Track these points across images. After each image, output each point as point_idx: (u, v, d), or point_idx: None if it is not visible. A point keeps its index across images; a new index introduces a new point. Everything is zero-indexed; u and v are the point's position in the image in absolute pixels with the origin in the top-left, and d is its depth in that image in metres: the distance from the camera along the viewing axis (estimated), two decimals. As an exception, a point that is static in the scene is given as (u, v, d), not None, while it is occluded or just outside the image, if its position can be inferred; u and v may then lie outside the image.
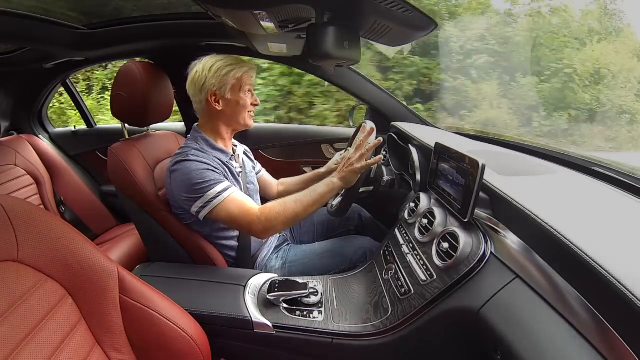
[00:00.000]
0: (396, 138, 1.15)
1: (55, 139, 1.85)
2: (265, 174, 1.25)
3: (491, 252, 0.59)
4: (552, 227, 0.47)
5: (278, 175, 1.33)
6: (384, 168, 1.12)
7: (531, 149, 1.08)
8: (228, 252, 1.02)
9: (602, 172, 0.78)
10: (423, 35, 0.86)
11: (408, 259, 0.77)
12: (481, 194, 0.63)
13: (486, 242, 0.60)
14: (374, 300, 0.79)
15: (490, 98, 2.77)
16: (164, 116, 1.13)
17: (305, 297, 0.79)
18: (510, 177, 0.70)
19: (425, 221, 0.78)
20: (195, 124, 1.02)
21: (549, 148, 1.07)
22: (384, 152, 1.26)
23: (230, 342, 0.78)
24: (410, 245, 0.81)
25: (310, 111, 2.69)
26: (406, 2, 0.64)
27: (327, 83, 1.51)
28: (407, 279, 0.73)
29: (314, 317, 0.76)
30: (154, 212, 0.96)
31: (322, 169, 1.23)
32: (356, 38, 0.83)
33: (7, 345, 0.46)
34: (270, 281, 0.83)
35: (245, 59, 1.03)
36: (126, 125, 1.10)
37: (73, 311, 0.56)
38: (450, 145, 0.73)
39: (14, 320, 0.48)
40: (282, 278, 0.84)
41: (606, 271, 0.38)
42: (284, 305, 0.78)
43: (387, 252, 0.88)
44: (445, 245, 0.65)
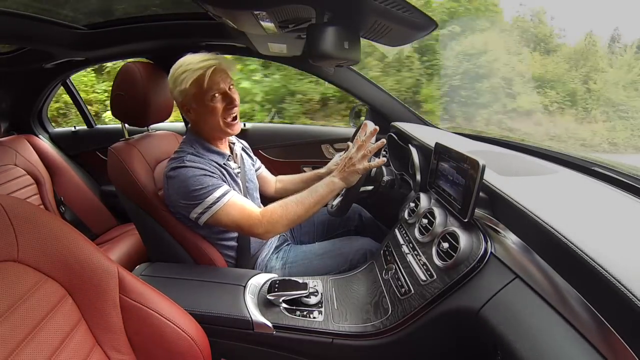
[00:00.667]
0: (396, 138, 1.15)
1: (55, 139, 1.85)
2: (264, 171, 1.25)
3: (491, 252, 0.59)
4: (552, 227, 0.47)
5: (278, 175, 1.33)
6: (384, 168, 1.12)
7: (531, 149, 1.08)
8: (228, 252, 1.02)
9: (602, 172, 0.78)
10: (423, 35, 0.85)
11: (408, 259, 0.77)
12: (481, 194, 0.63)
13: (486, 242, 0.60)
14: (374, 301, 0.79)
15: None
16: (164, 116, 1.13)
17: (305, 297, 0.79)
18: (510, 177, 0.69)
19: (425, 221, 0.78)
20: (189, 126, 1.01)
21: (549, 148, 1.07)
22: (384, 152, 1.26)
23: (230, 342, 0.78)
24: (410, 245, 0.81)
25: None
26: (406, 2, 0.64)
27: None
28: (407, 279, 0.73)
29: (314, 317, 0.76)
30: (154, 212, 0.96)
31: (322, 170, 1.23)
32: (356, 38, 0.83)
33: (7, 345, 0.46)
34: (270, 281, 0.83)
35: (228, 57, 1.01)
36: (126, 125, 1.10)
37: (73, 311, 0.56)
38: (450, 145, 0.73)
39: (14, 320, 0.48)
40: (282, 278, 0.84)
41: (606, 271, 0.38)
42: (284, 305, 0.78)
43: (387, 252, 0.88)
44: (445, 245, 0.65)
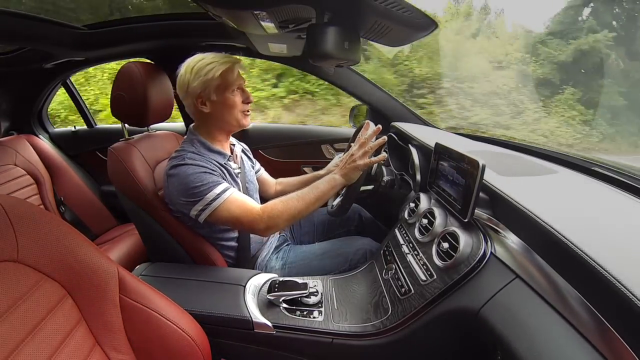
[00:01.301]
0: (396, 138, 1.15)
1: (55, 139, 1.85)
2: (263, 173, 1.25)
3: (491, 252, 0.59)
4: (552, 227, 0.47)
5: (278, 175, 1.33)
6: (383, 168, 1.12)
7: (531, 149, 1.08)
8: (228, 253, 1.02)
9: (602, 172, 0.78)
10: (423, 35, 0.85)
11: (408, 259, 0.77)
12: (481, 194, 0.63)
13: (486, 242, 0.60)
14: (374, 300, 0.79)
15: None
16: (164, 116, 1.13)
17: (305, 297, 0.79)
18: (510, 177, 0.69)
19: (425, 221, 0.78)
20: (191, 125, 1.01)
21: (549, 148, 1.07)
22: (384, 152, 1.26)
23: (230, 342, 0.78)
24: (410, 245, 0.81)
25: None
26: (406, 2, 0.64)
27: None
28: (407, 279, 0.73)
29: (314, 317, 0.76)
30: (154, 212, 0.96)
31: (322, 171, 1.23)
32: (356, 38, 0.83)
33: (7, 345, 0.46)
34: (270, 281, 0.83)
35: (244, 58, 1.02)
36: (126, 125, 1.10)
37: (73, 311, 0.56)
38: (450, 145, 0.73)
39: (14, 320, 0.48)
40: (282, 278, 0.84)
41: (606, 271, 0.38)
42: (284, 305, 0.78)
43: (387, 252, 0.88)
44: (445, 245, 0.65)
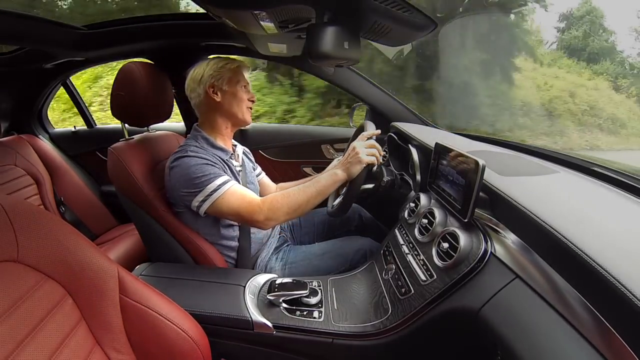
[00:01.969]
0: (396, 138, 1.15)
1: (55, 139, 1.85)
2: (264, 177, 1.26)
3: (491, 252, 0.59)
4: (552, 227, 0.47)
5: (278, 175, 1.33)
6: (383, 168, 1.12)
7: (531, 149, 1.08)
8: (228, 253, 1.02)
9: (602, 172, 0.78)
10: (423, 35, 0.85)
11: (408, 259, 0.77)
12: (481, 194, 0.63)
13: (486, 242, 0.60)
14: (374, 301, 0.79)
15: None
16: (164, 116, 1.13)
17: (305, 297, 0.79)
18: (510, 177, 0.69)
19: (425, 221, 0.78)
20: (195, 124, 1.03)
21: (549, 148, 1.07)
22: (384, 152, 1.26)
23: (230, 342, 0.78)
24: (410, 245, 0.81)
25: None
26: (406, 2, 0.64)
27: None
28: (407, 279, 0.73)
29: (314, 317, 0.76)
30: (154, 212, 0.96)
31: (323, 174, 1.23)
32: (356, 38, 0.83)
33: (7, 345, 0.46)
34: (270, 281, 0.83)
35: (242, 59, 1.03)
36: (126, 125, 1.10)
37: (73, 311, 0.56)
38: (450, 145, 0.73)
39: (14, 320, 0.48)
40: (282, 278, 0.84)
41: (606, 271, 0.38)
42: (284, 305, 0.78)
43: (387, 252, 0.88)
44: (445, 245, 0.65)
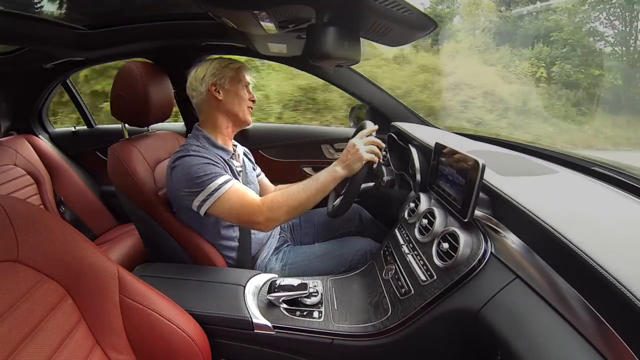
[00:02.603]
0: (396, 138, 1.15)
1: (55, 139, 1.85)
2: (264, 178, 1.26)
3: (491, 252, 0.59)
4: (552, 227, 0.47)
5: (278, 175, 1.33)
6: (384, 168, 1.12)
7: (531, 149, 1.08)
8: (228, 253, 1.02)
9: (602, 172, 0.78)
10: (423, 35, 0.85)
11: (408, 259, 0.77)
12: (481, 194, 0.63)
13: (486, 242, 0.60)
14: (374, 301, 0.79)
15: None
16: (164, 116, 1.13)
17: (305, 297, 0.79)
18: (510, 177, 0.69)
19: (425, 221, 0.78)
20: (196, 123, 1.03)
21: (549, 148, 1.07)
22: (384, 152, 1.26)
23: (230, 342, 0.78)
24: (410, 245, 0.81)
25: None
26: (406, 2, 0.64)
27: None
28: (407, 279, 0.73)
29: (314, 318, 0.76)
30: (154, 212, 0.96)
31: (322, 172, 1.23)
32: (356, 38, 0.83)
33: (7, 345, 0.46)
34: (270, 281, 0.83)
35: (243, 59, 1.03)
36: (126, 125, 1.10)
37: (73, 311, 0.56)
38: (450, 145, 0.73)
39: (14, 320, 0.48)
40: (282, 278, 0.84)
41: (606, 271, 0.38)
42: (284, 305, 0.78)
43: (387, 253, 0.88)
44: (445, 245, 0.65)
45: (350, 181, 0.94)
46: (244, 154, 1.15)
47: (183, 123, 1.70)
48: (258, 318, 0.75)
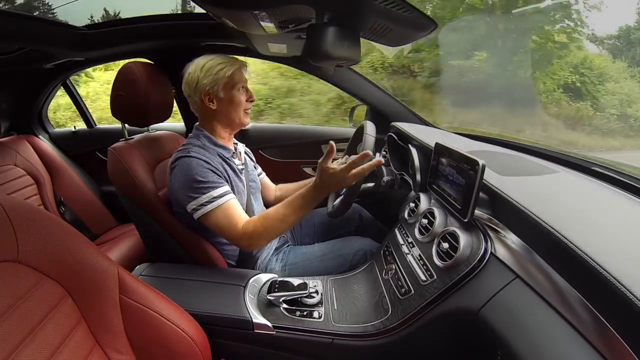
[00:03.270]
0: (396, 138, 1.15)
1: (55, 139, 1.85)
2: (265, 178, 1.26)
3: (491, 252, 0.59)
4: (552, 227, 0.47)
5: (278, 175, 1.33)
6: (383, 168, 1.12)
7: (531, 149, 1.08)
8: (228, 253, 1.02)
9: (602, 172, 0.78)
10: (423, 35, 0.86)
11: (408, 259, 0.77)
12: (481, 194, 0.63)
13: (486, 242, 0.60)
14: (374, 301, 0.79)
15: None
16: (164, 116, 1.13)
17: (305, 297, 0.79)
18: (510, 177, 0.69)
19: (425, 221, 0.78)
20: (196, 123, 1.03)
21: (549, 148, 1.07)
22: (384, 152, 1.26)
23: (230, 342, 0.78)
24: (411, 245, 0.81)
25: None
26: (406, 2, 0.64)
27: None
28: (407, 279, 0.73)
29: (314, 318, 0.76)
30: (154, 212, 0.96)
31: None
32: (356, 38, 0.83)
33: (7, 345, 0.46)
34: (270, 281, 0.83)
35: (242, 58, 1.02)
36: (126, 125, 1.10)
37: (73, 311, 0.56)
38: (450, 145, 0.73)
39: (14, 321, 0.48)
40: (282, 278, 0.84)
41: (606, 271, 0.38)
42: (284, 305, 0.78)
43: (387, 252, 0.88)
44: (445, 245, 0.65)
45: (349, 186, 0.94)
46: (245, 152, 1.15)
47: (183, 123, 1.70)
48: (258, 318, 0.75)
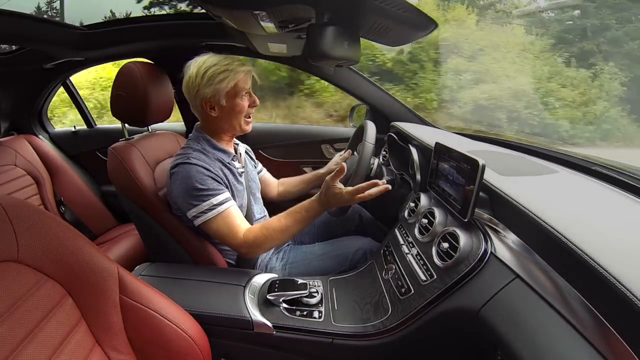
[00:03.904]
0: (396, 138, 1.15)
1: (55, 139, 1.85)
2: (266, 174, 1.26)
3: (491, 252, 0.59)
4: (552, 227, 0.47)
5: (278, 175, 1.33)
6: (384, 168, 1.12)
7: (531, 149, 1.08)
8: (228, 253, 1.02)
9: (602, 172, 0.78)
10: (423, 35, 0.86)
11: (408, 259, 0.77)
12: (481, 194, 0.63)
13: (486, 242, 0.60)
14: (374, 301, 0.79)
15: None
16: (164, 116, 1.13)
17: (305, 297, 0.79)
18: (510, 177, 0.69)
19: (425, 221, 0.78)
20: (196, 124, 1.02)
21: (549, 148, 1.07)
22: (384, 152, 1.26)
23: (230, 342, 0.78)
24: (411, 245, 0.81)
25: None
26: (406, 2, 0.64)
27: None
28: (407, 279, 0.73)
29: (314, 317, 0.76)
30: (154, 212, 0.96)
31: (322, 170, 1.23)
32: (356, 38, 0.83)
33: (7, 345, 0.46)
34: (270, 281, 0.83)
35: (242, 58, 1.02)
36: (126, 125, 1.10)
37: (73, 311, 0.56)
38: (450, 145, 0.73)
39: (14, 320, 0.48)
40: (282, 278, 0.84)
41: (606, 271, 0.38)
42: (284, 305, 0.78)
43: (387, 252, 0.88)
44: (445, 245, 0.65)
45: (350, 182, 0.94)
46: (246, 152, 1.14)
47: (183, 123, 1.70)
48: (258, 318, 0.75)
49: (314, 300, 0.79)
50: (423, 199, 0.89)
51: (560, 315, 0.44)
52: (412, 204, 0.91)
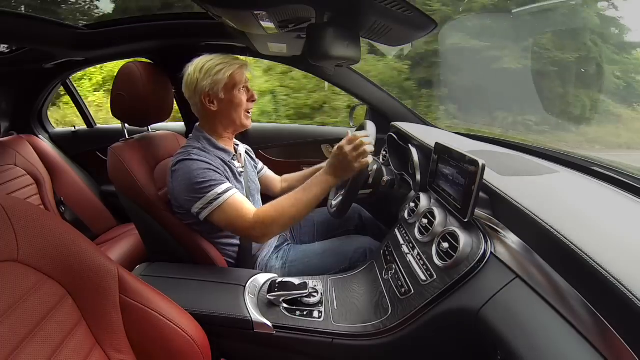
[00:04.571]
0: (396, 138, 1.15)
1: (55, 139, 1.85)
2: (268, 172, 1.26)
3: (491, 252, 0.59)
4: (552, 227, 0.47)
5: (278, 175, 1.33)
6: (384, 168, 1.12)
7: (531, 149, 1.08)
8: (228, 252, 1.02)
9: (602, 172, 0.78)
10: (423, 35, 0.86)
11: (408, 259, 0.77)
12: (481, 194, 0.63)
13: (486, 242, 0.60)
14: (374, 300, 0.79)
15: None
16: (164, 116, 1.13)
17: (305, 297, 0.79)
18: (510, 177, 0.70)
19: (425, 221, 0.78)
20: (196, 124, 1.03)
21: (549, 148, 1.07)
22: (384, 152, 1.26)
23: (230, 342, 0.78)
24: (410, 245, 0.81)
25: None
26: (406, 2, 0.64)
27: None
28: (407, 278, 0.73)
29: (314, 317, 0.76)
30: (154, 212, 0.96)
31: (324, 164, 1.23)
32: (356, 38, 0.83)
33: (7, 345, 0.46)
34: (270, 281, 0.83)
35: (242, 58, 1.02)
36: (126, 125, 1.10)
37: (73, 311, 0.56)
38: (450, 145, 0.73)
39: (14, 320, 0.48)
40: (282, 278, 0.84)
41: (606, 271, 0.38)
42: (284, 305, 0.78)
43: (387, 252, 0.88)
44: (445, 245, 0.65)
45: (350, 184, 0.94)
46: (246, 152, 1.14)
47: (183, 123, 1.70)
48: (258, 318, 0.75)
49: (314, 300, 0.79)
50: (423, 199, 0.89)
51: (560, 315, 0.44)
52: (412, 204, 0.91)
